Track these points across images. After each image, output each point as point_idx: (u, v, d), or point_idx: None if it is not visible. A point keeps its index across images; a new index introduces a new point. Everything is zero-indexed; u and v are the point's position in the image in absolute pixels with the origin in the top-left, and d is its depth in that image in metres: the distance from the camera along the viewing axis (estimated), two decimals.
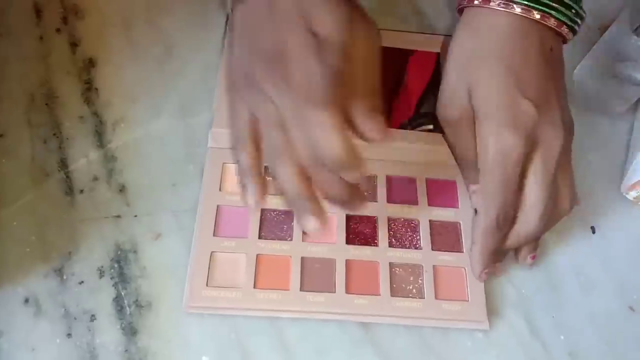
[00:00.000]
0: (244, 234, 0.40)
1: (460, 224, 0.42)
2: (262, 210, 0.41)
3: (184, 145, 0.43)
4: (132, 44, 0.47)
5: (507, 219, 0.38)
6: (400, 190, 0.43)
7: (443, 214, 0.42)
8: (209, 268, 0.39)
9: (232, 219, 0.41)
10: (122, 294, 0.38)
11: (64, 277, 0.38)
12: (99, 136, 0.43)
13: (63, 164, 0.42)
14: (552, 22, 0.39)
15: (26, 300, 0.37)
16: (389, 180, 0.43)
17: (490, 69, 0.39)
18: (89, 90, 0.45)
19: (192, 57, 0.47)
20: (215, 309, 0.38)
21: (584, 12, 0.40)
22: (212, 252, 0.39)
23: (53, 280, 0.38)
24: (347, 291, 0.39)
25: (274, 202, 0.41)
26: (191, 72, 0.47)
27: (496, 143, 0.37)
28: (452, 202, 0.43)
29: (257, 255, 0.40)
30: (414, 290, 0.40)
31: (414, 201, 0.43)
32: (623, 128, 0.48)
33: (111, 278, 0.38)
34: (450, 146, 0.43)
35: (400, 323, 0.39)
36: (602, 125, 0.48)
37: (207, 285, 0.38)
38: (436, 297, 0.39)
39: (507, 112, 0.37)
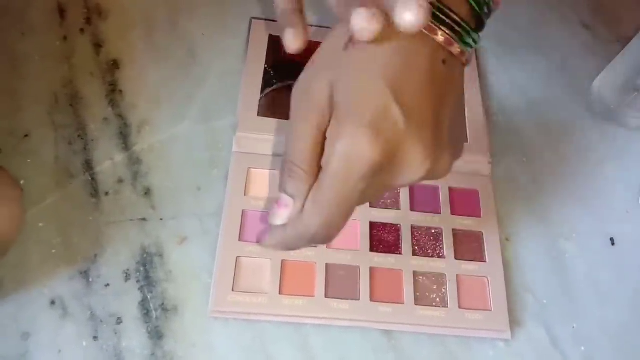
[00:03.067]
0: None
1: (482, 233, 0.42)
2: None
3: (208, 149, 0.44)
4: (156, 46, 0.47)
5: (330, 237, 0.32)
6: (424, 198, 0.44)
7: (465, 223, 0.43)
8: (234, 273, 0.39)
9: (258, 223, 0.41)
10: (148, 297, 0.38)
11: (90, 280, 0.38)
12: (124, 138, 0.43)
13: (88, 166, 0.42)
14: (439, 37, 0.32)
15: (52, 303, 0.37)
16: (412, 188, 0.44)
17: (364, 63, 0.32)
18: (113, 92, 0.45)
19: (215, 61, 0.47)
20: (241, 314, 0.38)
21: (477, 35, 0.33)
22: (238, 257, 0.39)
23: (79, 283, 0.38)
24: (372, 299, 0.39)
25: None
26: (214, 76, 0.47)
27: (347, 146, 0.30)
28: (474, 212, 0.43)
29: (283, 261, 0.40)
30: (438, 299, 0.40)
31: (437, 210, 0.43)
32: None
33: (137, 281, 0.39)
34: (286, 139, 0.34)
35: (423, 332, 0.39)
36: (620, 137, 0.49)
37: (232, 290, 0.38)
38: (459, 307, 0.40)
39: (370, 113, 0.30)
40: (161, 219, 0.41)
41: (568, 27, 0.54)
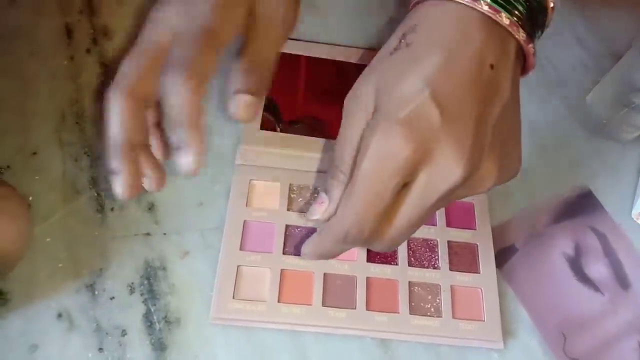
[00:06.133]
0: (269, 249, 0.42)
1: (477, 245, 0.43)
2: (287, 227, 0.43)
3: (210, 165, 0.45)
4: None
5: (362, 235, 0.32)
6: None
7: (461, 235, 0.44)
8: (235, 281, 0.40)
9: (258, 234, 0.42)
10: (152, 310, 0.39)
11: (96, 293, 0.40)
12: None
13: (94, 182, 0.43)
14: (503, 20, 0.32)
15: (59, 315, 0.39)
16: None
17: (405, 63, 0.32)
18: None
19: (216, 79, 0.48)
20: (241, 321, 0.39)
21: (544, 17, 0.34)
22: (238, 265, 0.41)
23: (85, 296, 0.39)
24: (368, 308, 0.40)
25: (298, 219, 0.43)
26: (216, 93, 0.48)
27: (380, 141, 0.30)
28: (469, 224, 0.44)
29: (282, 270, 0.41)
30: (432, 309, 0.41)
31: (432, 222, 0.44)
32: (634, 154, 0.50)
33: (141, 294, 0.40)
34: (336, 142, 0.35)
35: (418, 341, 0.40)
36: (613, 151, 0.50)
37: (233, 297, 0.40)
38: (453, 316, 0.41)
39: (405, 110, 0.30)
40: (164, 234, 0.42)
41: (562, 42, 0.55)
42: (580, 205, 0.46)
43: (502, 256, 0.44)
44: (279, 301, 0.40)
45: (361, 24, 0.53)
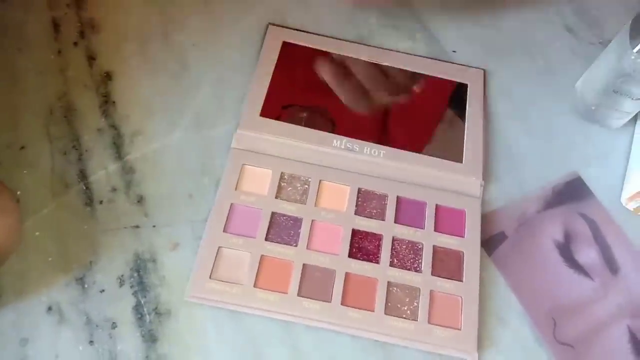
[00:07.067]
0: (252, 234, 0.42)
1: (463, 253, 0.43)
2: (273, 214, 0.43)
3: (200, 157, 0.45)
4: (148, 58, 0.48)
5: None
6: (409, 212, 0.44)
7: (448, 242, 0.43)
8: (214, 261, 0.40)
9: (243, 218, 0.42)
10: (142, 302, 0.39)
11: (86, 286, 0.40)
12: (117, 148, 0.44)
13: (82, 176, 0.43)
14: None
15: (49, 309, 0.39)
16: (399, 201, 0.44)
17: None
18: (106, 103, 0.46)
19: (207, 72, 0.49)
20: (215, 301, 0.39)
21: None
22: (220, 247, 0.41)
23: (75, 289, 0.39)
24: (343, 303, 0.40)
25: (285, 208, 0.43)
26: (206, 85, 0.48)
27: None
28: (458, 231, 0.44)
29: (262, 256, 0.41)
30: (408, 312, 0.41)
31: (420, 225, 0.44)
32: (623, 140, 0.50)
33: (131, 287, 0.40)
34: None
35: (388, 341, 0.40)
36: (603, 137, 0.50)
37: (210, 277, 0.40)
38: (429, 322, 0.40)
39: None
40: (154, 226, 0.42)
41: (552, 31, 0.55)
42: (570, 192, 0.46)
43: (492, 243, 0.44)
44: (254, 286, 0.40)
45: (358, 17, 0.53)
